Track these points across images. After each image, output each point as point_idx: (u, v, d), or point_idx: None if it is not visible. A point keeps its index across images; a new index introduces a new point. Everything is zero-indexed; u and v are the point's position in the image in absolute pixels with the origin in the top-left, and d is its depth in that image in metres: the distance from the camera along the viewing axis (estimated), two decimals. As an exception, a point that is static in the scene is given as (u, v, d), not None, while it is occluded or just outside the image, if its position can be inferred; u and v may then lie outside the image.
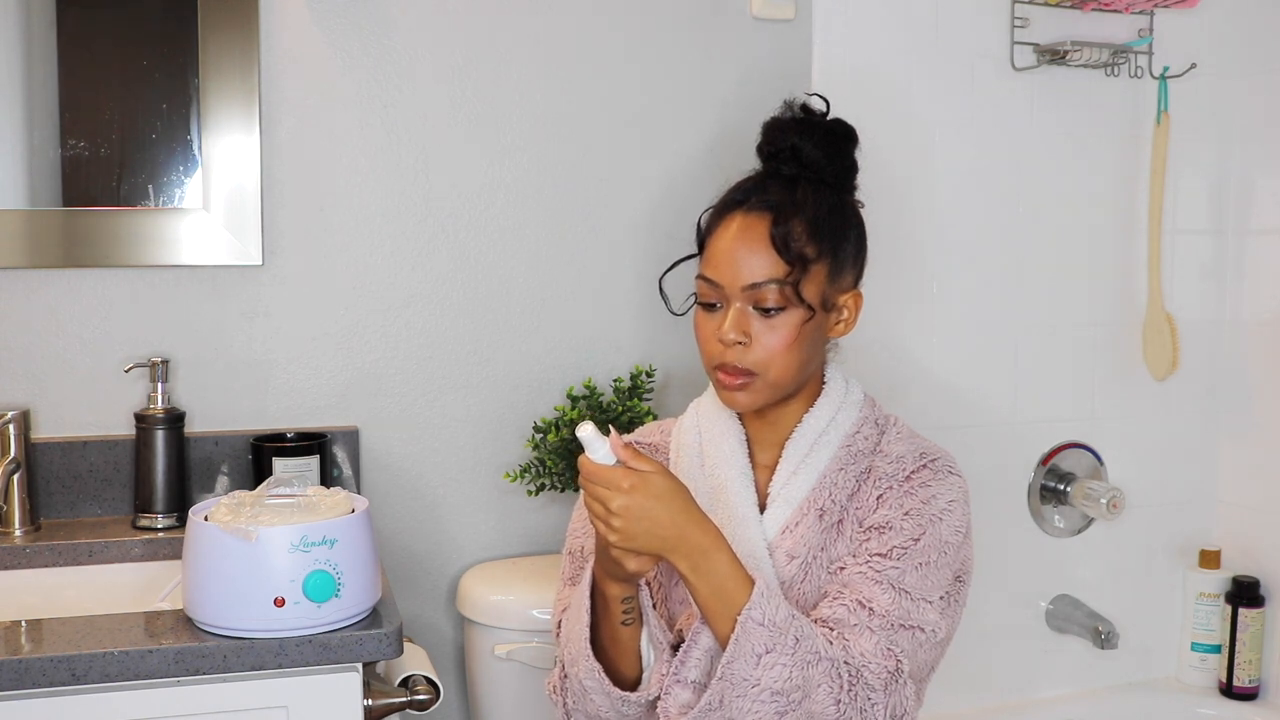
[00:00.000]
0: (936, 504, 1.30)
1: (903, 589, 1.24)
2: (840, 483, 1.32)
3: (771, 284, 1.27)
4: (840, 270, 1.32)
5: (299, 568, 1.18)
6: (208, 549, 1.20)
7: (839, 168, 1.36)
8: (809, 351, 1.31)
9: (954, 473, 1.33)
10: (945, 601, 1.27)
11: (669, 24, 1.90)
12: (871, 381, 2.02)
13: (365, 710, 1.24)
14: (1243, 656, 2.15)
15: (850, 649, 1.20)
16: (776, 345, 1.28)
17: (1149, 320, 2.16)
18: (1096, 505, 2.09)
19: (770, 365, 1.29)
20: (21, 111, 1.62)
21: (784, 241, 1.27)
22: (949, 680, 2.14)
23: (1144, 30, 2.14)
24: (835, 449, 1.34)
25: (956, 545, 1.29)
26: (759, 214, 1.30)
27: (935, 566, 1.27)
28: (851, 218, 1.35)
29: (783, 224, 1.28)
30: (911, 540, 1.27)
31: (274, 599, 1.18)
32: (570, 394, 1.85)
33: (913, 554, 1.26)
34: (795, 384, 1.32)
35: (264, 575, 1.18)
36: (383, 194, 1.79)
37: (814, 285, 1.29)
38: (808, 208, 1.30)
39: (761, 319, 1.29)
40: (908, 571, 1.25)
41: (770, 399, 1.32)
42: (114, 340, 1.69)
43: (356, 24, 1.76)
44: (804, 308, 1.28)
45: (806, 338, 1.30)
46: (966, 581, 1.32)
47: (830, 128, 1.36)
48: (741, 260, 1.29)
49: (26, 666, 1.13)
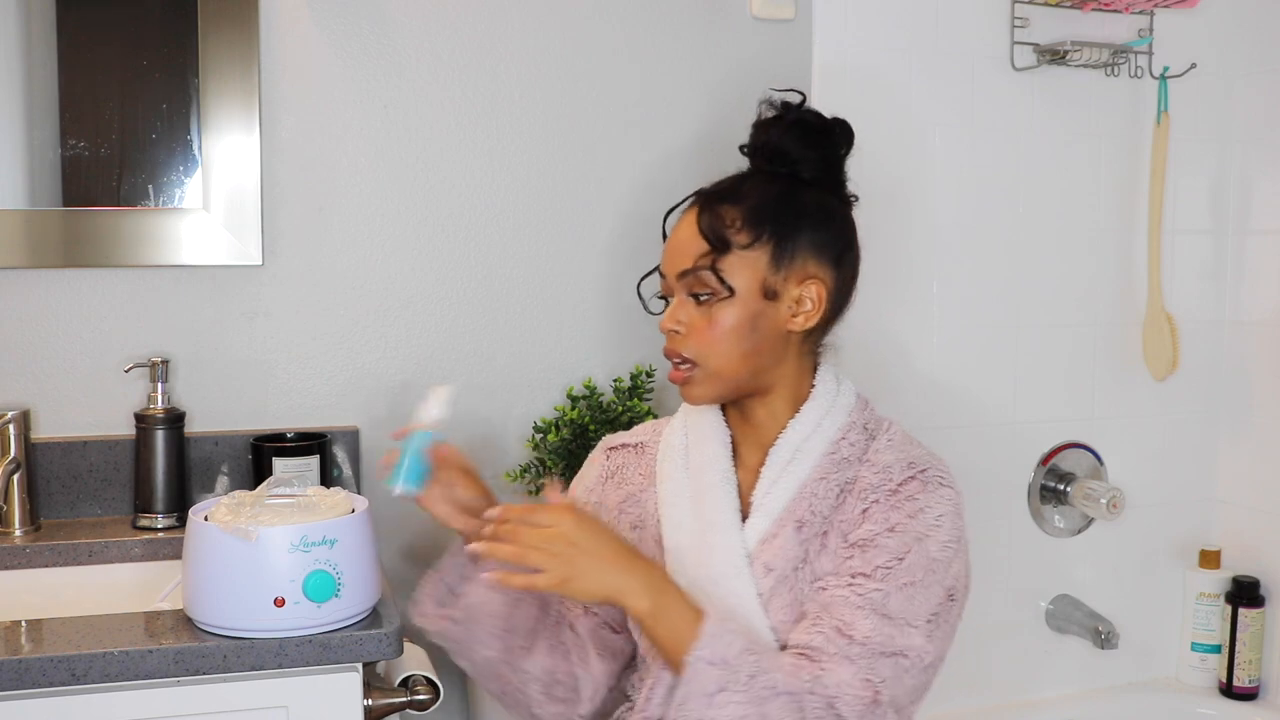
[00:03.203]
0: (925, 518, 1.25)
1: (885, 613, 1.20)
2: (821, 493, 1.29)
3: (696, 269, 1.29)
4: (787, 258, 1.30)
5: (299, 568, 1.18)
6: (208, 549, 1.20)
7: (816, 159, 1.34)
8: (752, 341, 1.29)
9: (946, 484, 1.29)
10: (933, 624, 1.23)
11: (669, 24, 1.90)
12: (871, 381, 2.02)
13: (365, 710, 1.24)
14: (1243, 656, 2.15)
15: (825, 679, 1.17)
16: (709, 331, 1.29)
17: (1149, 320, 2.16)
18: (1096, 505, 2.09)
19: (707, 353, 1.29)
20: (21, 111, 1.62)
21: (707, 225, 1.29)
22: (949, 680, 2.14)
23: (1144, 30, 2.14)
24: (818, 457, 1.31)
25: (946, 562, 1.24)
26: (696, 204, 1.33)
27: (922, 586, 1.22)
28: (810, 209, 1.32)
29: (709, 210, 1.30)
30: (896, 559, 1.22)
31: (274, 599, 1.18)
32: (570, 394, 1.85)
33: (897, 573, 1.22)
34: (745, 375, 1.31)
35: (264, 575, 1.18)
36: (383, 194, 1.79)
37: (748, 271, 1.28)
38: (750, 196, 1.30)
39: (697, 307, 1.30)
40: (892, 593, 1.21)
41: (722, 391, 1.32)
42: (114, 340, 1.69)
43: (356, 24, 1.76)
44: (726, 290, 1.28)
45: (743, 325, 1.29)
46: (960, 599, 1.28)
47: (801, 120, 1.35)
48: (675, 249, 1.32)
49: (26, 666, 1.12)
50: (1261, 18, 2.17)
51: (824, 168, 1.35)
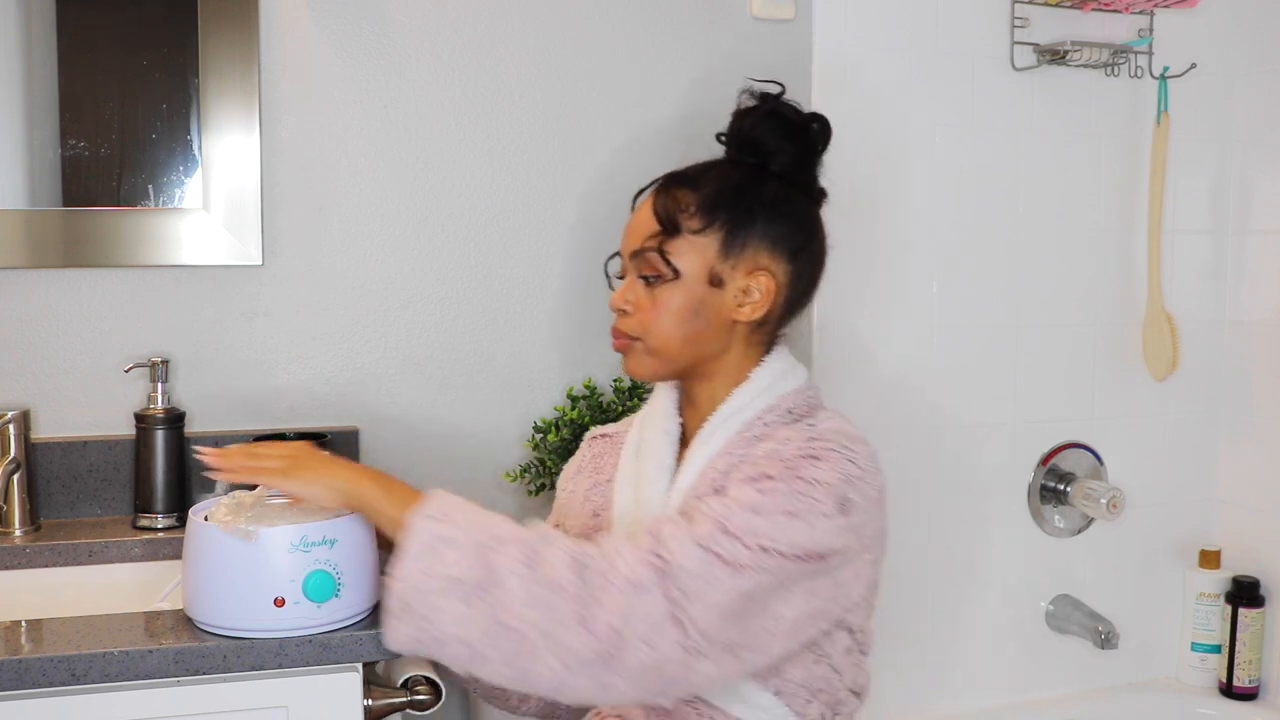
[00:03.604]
0: (804, 473, 1.18)
1: (719, 523, 1.14)
2: (723, 468, 1.28)
3: (644, 250, 1.30)
4: (737, 247, 1.30)
5: (299, 568, 1.18)
6: (208, 549, 1.20)
7: (789, 153, 1.34)
8: (692, 326, 1.30)
9: (848, 458, 1.21)
10: (772, 559, 1.14)
11: (669, 24, 1.90)
12: (871, 381, 2.03)
13: (365, 710, 1.24)
14: (1243, 656, 2.15)
15: (609, 542, 1.14)
16: (651, 312, 1.30)
17: (1149, 320, 2.16)
18: (1096, 505, 2.09)
19: (647, 332, 1.30)
20: (21, 111, 1.62)
21: (661, 207, 1.30)
22: (949, 680, 2.15)
23: (1144, 30, 2.14)
24: (731, 435, 1.31)
25: (810, 522, 1.16)
26: (657, 186, 1.34)
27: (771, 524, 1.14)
28: (767, 200, 1.31)
29: (665, 192, 1.31)
30: (757, 492, 1.17)
31: (274, 599, 1.17)
32: (570, 394, 1.85)
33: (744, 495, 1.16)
34: (685, 358, 1.32)
35: (264, 575, 1.18)
36: (383, 194, 1.79)
37: (694, 256, 1.29)
38: (709, 182, 1.31)
39: (645, 288, 1.31)
40: (735, 513, 1.15)
41: (661, 369, 1.33)
42: (114, 340, 1.69)
43: (356, 24, 1.76)
44: (671, 271, 1.29)
45: (685, 309, 1.29)
46: (833, 568, 1.19)
47: (777, 112, 1.35)
48: (631, 229, 1.34)
49: (26, 666, 1.12)
50: (1261, 18, 2.17)
51: (796, 162, 1.35)
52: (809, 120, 1.36)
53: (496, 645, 1.10)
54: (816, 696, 1.30)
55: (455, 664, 1.13)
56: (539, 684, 1.12)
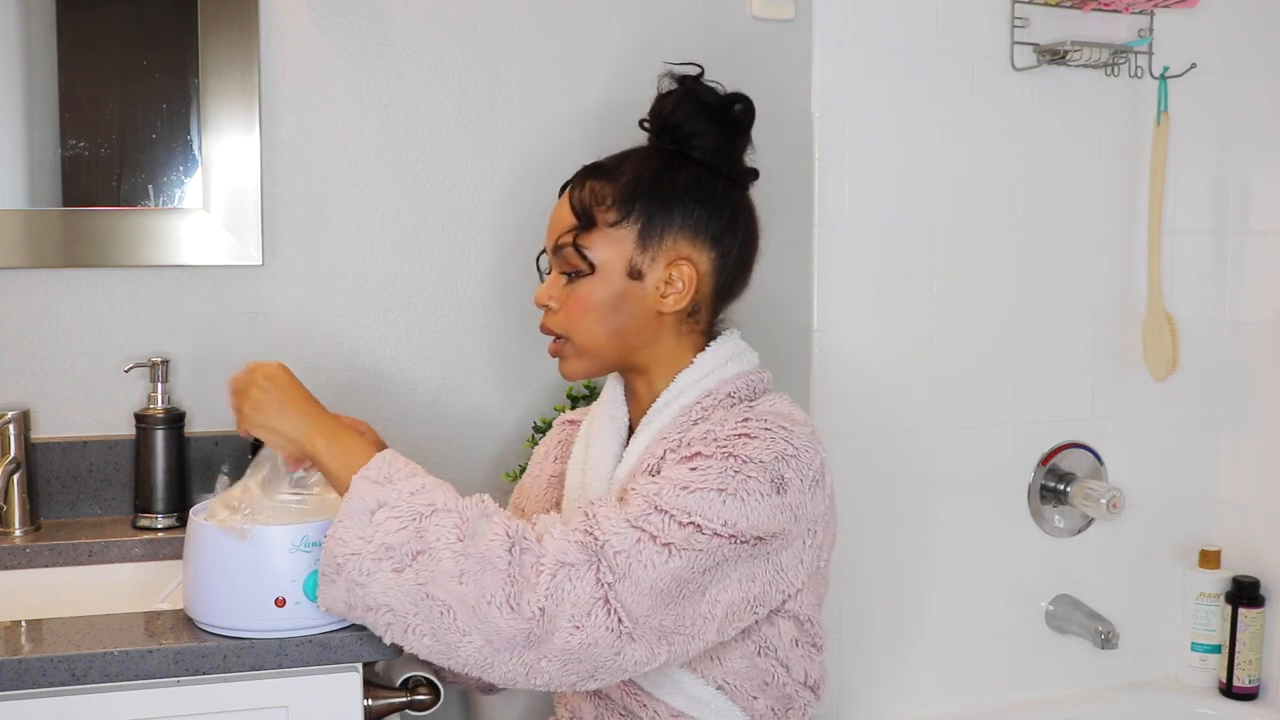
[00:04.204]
0: (737, 452, 1.16)
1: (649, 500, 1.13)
2: (659, 453, 1.27)
3: (559, 246, 1.29)
4: (655, 237, 1.28)
5: (300, 568, 1.18)
6: (206, 548, 1.19)
7: (710, 135, 1.31)
8: (619, 320, 1.28)
9: (781, 438, 1.18)
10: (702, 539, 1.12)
11: (669, 24, 1.90)
12: (871, 381, 2.03)
13: (365, 710, 1.24)
14: (1243, 656, 2.15)
15: (543, 522, 1.13)
16: (572, 308, 1.28)
17: (1149, 320, 2.16)
18: (1096, 505, 2.09)
19: (572, 330, 1.29)
20: (21, 111, 1.62)
21: (578, 199, 1.29)
22: (950, 680, 2.15)
23: (1144, 30, 2.14)
24: (667, 421, 1.29)
25: (743, 499, 1.14)
26: (574, 178, 1.33)
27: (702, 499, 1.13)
28: (689, 185, 1.29)
29: (581, 184, 1.29)
30: (688, 468, 1.15)
31: (274, 599, 1.17)
32: (570, 394, 1.85)
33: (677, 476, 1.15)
34: (614, 353, 1.30)
35: (264, 575, 1.17)
36: (383, 194, 1.79)
37: (611, 249, 1.27)
38: (625, 172, 1.29)
39: (566, 283, 1.29)
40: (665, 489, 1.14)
41: (593, 367, 1.31)
42: (114, 340, 1.69)
43: (356, 24, 1.76)
44: (587, 265, 1.27)
45: (604, 303, 1.27)
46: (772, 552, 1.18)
47: (693, 94, 1.32)
48: (551, 224, 1.32)
49: (26, 666, 1.12)
50: (1261, 18, 2.17)
51: (718, 145, 1.32)
52: (730, 101, 1.33)
53: (423, 616, 1.09)
54: (763, 691, 1.28)
55: (383, 632, 1.12)
56: (464, 661, 1.10)
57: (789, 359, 1.97)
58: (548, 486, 1.45)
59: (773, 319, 1.94)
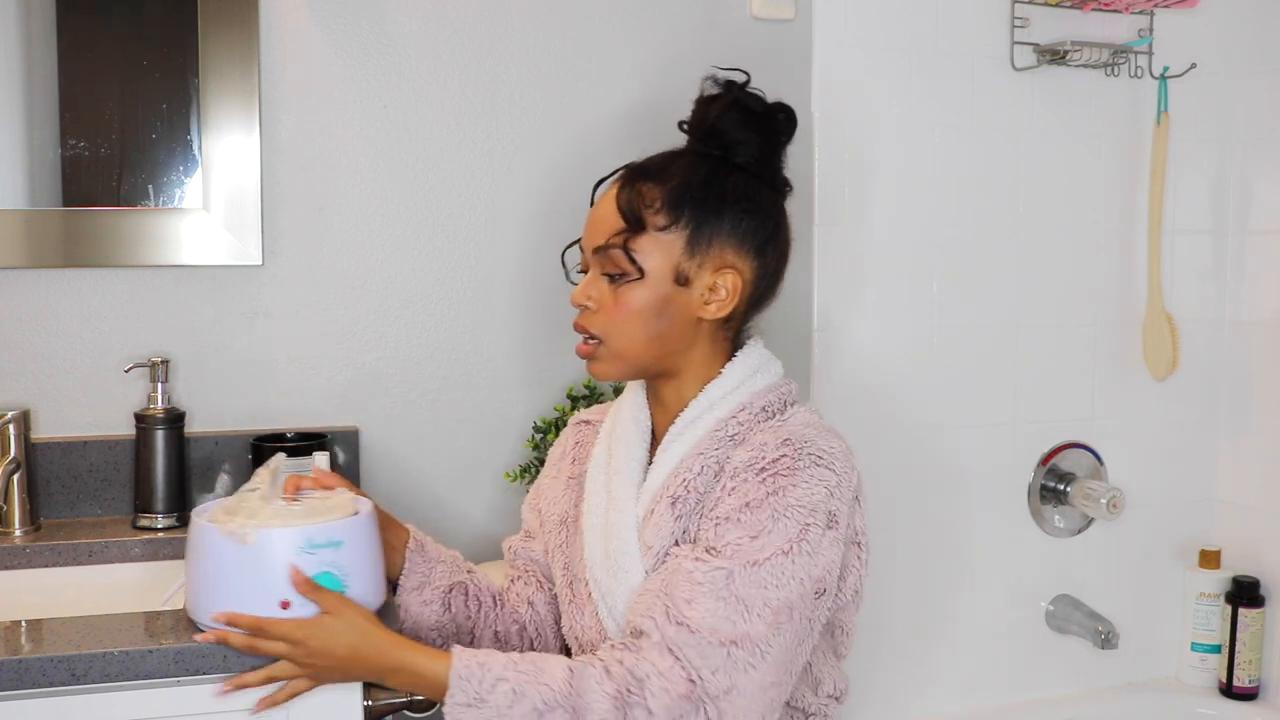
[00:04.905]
0: (788, 497, 1.16)
1: (724, 596, 1.13)
2: (696, 469, 1.25)
3: (608, 247, 1.26)
4: (703, 244, 1.26)
5: (304, 571, 1.16)
6: (209, 552, 1.18)
7: (753, 144, 1.30)
8: (657, 325, 1.26)
9: (823, 464, 1.19)
10: (784, 616, 1.14)
11: (669, 24, 1.90)
12: (871, 381, 2.03)
13: (365, 710, 1.24)
14: (1243, 656, 2.15)
15: (637, 669, 1.12)
16: (615, 311, 1.26)
17: (1149, 320, 2.16)
18: (1096, 505, 2.09)
19: (611, 333, 1.26)
20: (21, 111, 1.62)
21: (625, 202, 1.25)
22: (950, 680, 2.15)
23: (1144, 30, 2.14)
24: (702, 434, 1.27)
25: (811, 550, 1.15)
26: (621, 178, 1.29)
27: (772, 568, 1.14)
28: (733, 195, 1.28)
29: (629, 186, 1.26)
30: (749, 536, 1.15)
31: (279, 602, 1.15)
32: (570, 394, 1.85)
33: (746, 550, 1.14)
34: (650, 358, 1.28)
35: (267, 579, 1.15)
36: (383, 194, 1.79)
37: (660, 254, 1.25)
38: (674, 176, 1.26)
39: (609, 284, 1.27)
40: (736, 572, 1.13)
41: (627, 370, 1.29)
42: (114, 340, 1.69)
43: (356, 24, 1.76)
44: (636, 271, 1.24)
45: (649, 308, 1.25)
46: (831, 595, 1.20)
47: (741, 102, 1.31)
48: (593, 222, 1.29)
49: (26, 666, 1.12)
50: (1261, 18, 2.17)
51: (760, 153, 1.31)
52: (774, 110, 1.32)
53: None
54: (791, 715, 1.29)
55: None
56: None
57: (789, 359, 1.95)
58: (566, 489, 1.43)
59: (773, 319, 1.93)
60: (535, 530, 1.47)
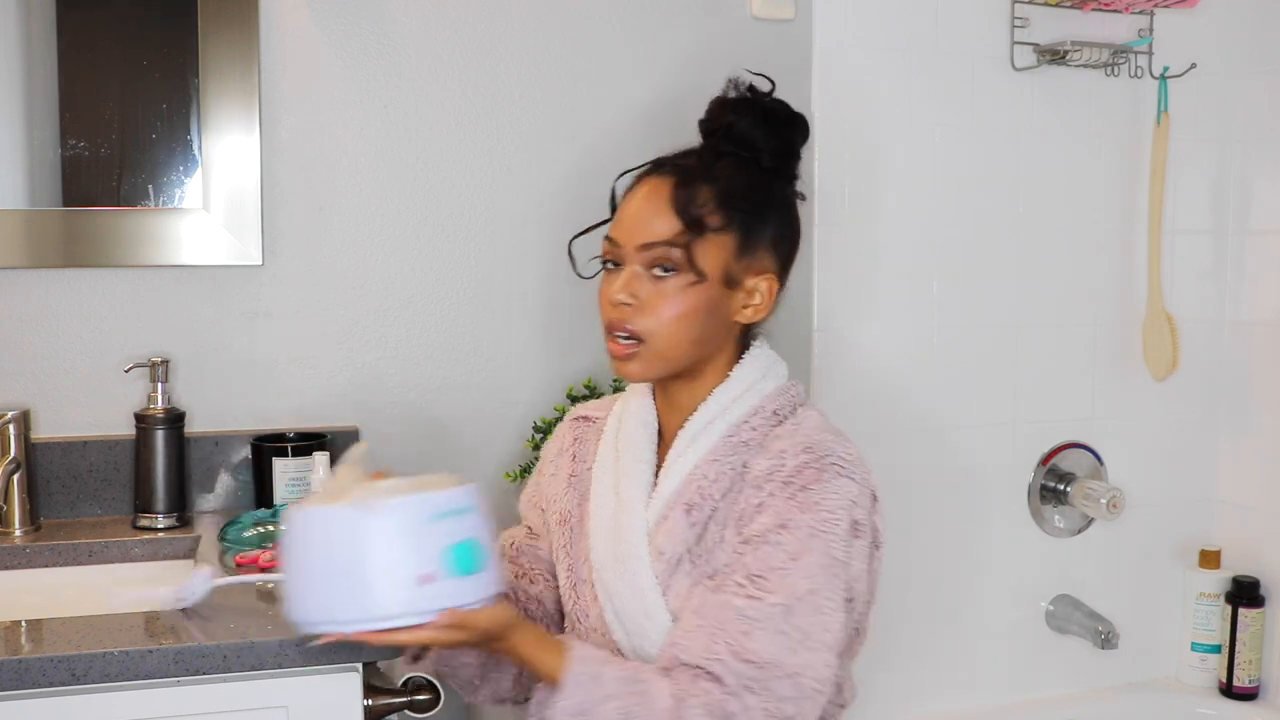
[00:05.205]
0: (820, 512, 1.20)
1: (784, 629, 1.16)
2: (712, 476, 1.25)
3: (664, 244, 1.24)
4: (750, 248, 1.27)
5: (441, 539, 1.06)
6: (337, 535, 1.05)
7: (775, 149, 1.31)
8: (704, 327, 1.26)
9: (845, 474, 1.22)
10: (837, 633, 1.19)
11: (669, 23, 1.90)
12: (871, 381, 2.03)
13: (365, 710, 1.24)
14: (1243, 656, 2.15)
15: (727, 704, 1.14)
16: (665, 310, 1.24)
17: (1149, 320, 2.16)
18: (1096, 505, 2.09)
19: (657, 332, 1.24)
20: (21, 111, 1.62)
21: (683, 203, 1.24)
22: (950, 680, 2.15)
23: (1144, 30, 2.14)
24: (716, 439, 1.27)
25: (845, 562, 1.20)
26: (667, 176, 1.28)
27: (826, 594, 1.18)
28: (776, 201, 1.30)
29: (686, 186, 1.25)
30: (791, 558, 1.18)
31: (420, 575, 1.05)
32: (570, 394, 1.85)
33: (794, 578, 1.17)
34: (687, 360, 1.27)
35: (407, 552, 1.04)
36: (383, 194, 1.79)
37: (714, 256, 1.24)
38: (721, 178, 1.26)
39: (653, 283, 1.25)
40: (794, 606, 1.16)
41: (662, 371, 1.27)
42: (114, 340, 1.69)
43: (356, 24, 1.76)
44: (694, 273, 1.23)
45: (700, 310, 1.25)
46: (859, 603, 1.25)
47: (769, 108, 1.32)
48: (641, 220, 1.27)
49: (26, 666, 1.12)
50: (1261, 18, 2.17)
51: (783, 159, 1.32)
52: (798, 118, 1.34)
53: None
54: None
55: None
56: None
57: (789, 359, 1.94)
58: (568, 487, 1.42)
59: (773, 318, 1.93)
60: (540, 529, 1.46)
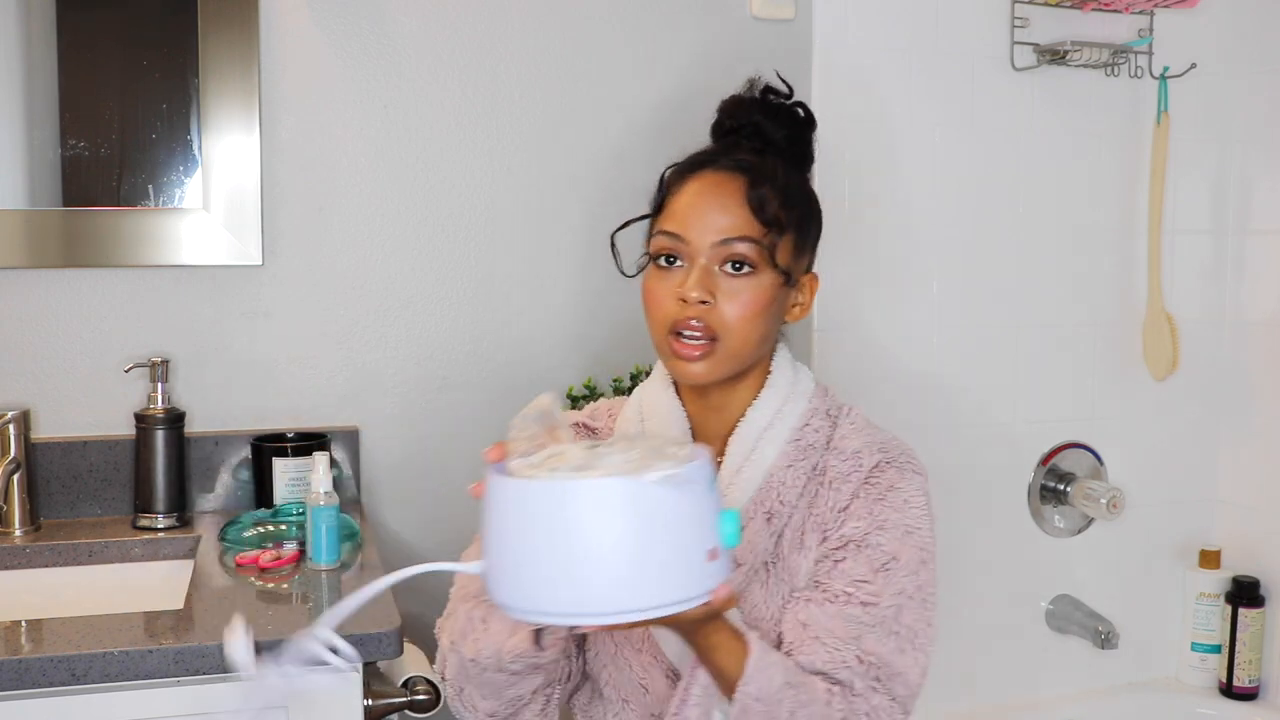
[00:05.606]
0: (910, 511, 1.24)
1: (897, 630, 1.21)
2: (789, 481, 1.24)
3: (746, 241, 1.21)
4: (802, 247, 1.28)
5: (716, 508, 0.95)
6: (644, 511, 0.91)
7: (797, 151, 1.32)
8: (770, 326, 1.25)
9: (917, 470, 1.26)
10: (935, 627, 1.25)
11: (669, 23, 1.90)
12: (872, 380, 2.03)
13: (365, 710, 1.24)
14: (1243, 656, 2.15)
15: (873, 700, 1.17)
16: (743, 308, 1.21)
17: (1149, 320, 2.16)
18: (1096, 505, 2.09)
19: (733, 330, 1.21)
20: (21, 111, 1.62)
21: (759, 203, 1.22)
22: (950, 680, 2.15)
23: (1144, 30, 2.14)
24: (783, 444, 1.26)
25: (931, 555, 1.27)
26: (731, 173, 1.25)
27: (926, 591, 1.25)
28: (814, 199, 1.32)
29: (759, 185, 1.23)
30: (893, 558, 1.22)
31: (708, 551, 0.94)
32: (570, 394, 1.85)
33: (897, 577, 1.21)
34: (751, 359, 1.25)
35: (700, 524, 0.93)
36: (383, 194, 1.79)
37: (784, 255, 1.24)
38: (779, 177, 1.26)
39: (728, 280, 1.21)
40: (904, 607, 1.22)
41: (729, 371, 1.24)
42: (114, 340, 1.69)
43: (356, 24, 1.76)
44: (778, 272, 1.22)
45: (772, 309, 1.23)
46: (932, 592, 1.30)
47: (793, 110, 1.33)
48: (712, 215, 1.23)
49: (26, 666, 1.13)
50: (1261, 18, 2.17)
51: (804, 161, 1.34)
52: (813, 120, 1.35)
53: None
54: None
55: None
56: None
57: (789, 359, 1.97)
58: None
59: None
60: None
